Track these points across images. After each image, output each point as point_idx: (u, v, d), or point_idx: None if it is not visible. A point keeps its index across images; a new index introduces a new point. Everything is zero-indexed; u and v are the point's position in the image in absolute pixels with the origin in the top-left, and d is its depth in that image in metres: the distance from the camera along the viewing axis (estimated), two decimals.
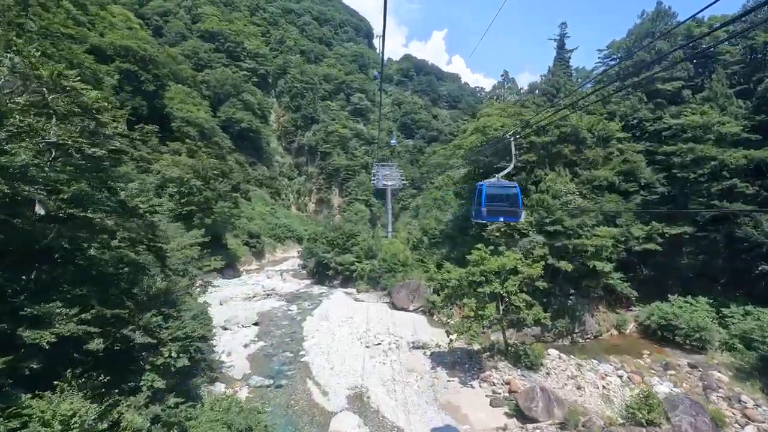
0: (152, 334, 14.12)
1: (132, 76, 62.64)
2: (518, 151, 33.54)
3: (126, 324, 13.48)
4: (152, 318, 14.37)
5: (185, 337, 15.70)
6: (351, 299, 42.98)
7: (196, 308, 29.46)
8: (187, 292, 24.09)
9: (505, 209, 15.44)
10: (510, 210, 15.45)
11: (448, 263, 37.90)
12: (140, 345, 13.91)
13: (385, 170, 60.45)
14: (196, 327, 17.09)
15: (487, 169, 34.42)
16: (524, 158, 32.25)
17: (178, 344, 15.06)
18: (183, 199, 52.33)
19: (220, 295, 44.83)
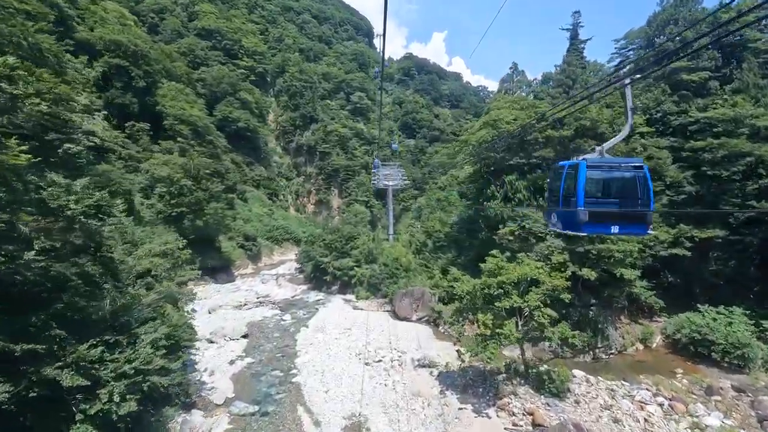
0: (87, 372, 10.82)
1: (122, 71, 59.40)
2: (533, 147, 30.28)
3: (49, 361, 10.18)
4: (89, 350, 11.07)
5: (136, 373, 12.33)
6: (350, 307, 39.65)
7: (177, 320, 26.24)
8: (158, 305, 20.75)
9: (622, 211, 9.11)
10: (631, 214, 9.07)
11: (454, 269, 34.62)
12: (71, 387, 10.62)
13: (386, 170, 57.14)
14: (154, 355, 13.81)
15: (498, 166, 31.14)
16: (540, 154, 28.95)
17: (124, 382, 11.72)
18: (173, 200, 49.15)
19: (210, 302, 41.58)
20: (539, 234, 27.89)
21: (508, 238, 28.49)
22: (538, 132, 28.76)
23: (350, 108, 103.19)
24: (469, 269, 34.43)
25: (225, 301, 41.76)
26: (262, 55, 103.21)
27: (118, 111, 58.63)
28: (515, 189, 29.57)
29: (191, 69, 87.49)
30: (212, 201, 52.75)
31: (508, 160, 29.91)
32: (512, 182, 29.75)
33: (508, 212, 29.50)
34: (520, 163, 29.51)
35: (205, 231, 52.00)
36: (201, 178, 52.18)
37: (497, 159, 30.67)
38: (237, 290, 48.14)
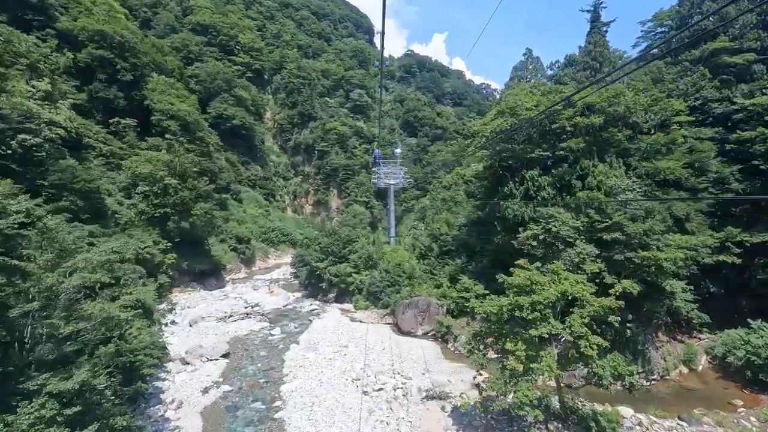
0: None
1: (106, 63, 55.04)
2: (558, 138, 25.83)
3: None
4: None
5: None
6: (347, 319, 35.21)
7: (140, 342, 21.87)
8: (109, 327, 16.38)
9: None
10: None
11: (465, 277, 30.12)
12: None
13: (388, 168, 52.76)
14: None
15: (517, 160, 26.68)
16: (566, 146, 24.49)
17: None
18: (156, 200, 44.75)
19: (193, 312, 37.20)
20: (568, 238, 23.44)
21: (531, 243, 24.02)
22: (565, 119, 24.32)
23: (350, 106, 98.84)
24: (483, 278, 29.98)
25: (209, 311, 37.33)
26: (259, 52, 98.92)
27: (103, 105, 54.45)
28: (538, 186, 25.15)
29: (185, 65, 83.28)
30: (200, 201, 48.32)
31: (530, 153, 25.47)
32: (534, 178, 25.33)
33: (529, 213, 25.06)
34: (544, 156, 25.09)
35: (193, 233, 47.61)
36: (187, 176, 47.76)
37: (516, 152, 26.20)
38: (225, 297, 43.76)
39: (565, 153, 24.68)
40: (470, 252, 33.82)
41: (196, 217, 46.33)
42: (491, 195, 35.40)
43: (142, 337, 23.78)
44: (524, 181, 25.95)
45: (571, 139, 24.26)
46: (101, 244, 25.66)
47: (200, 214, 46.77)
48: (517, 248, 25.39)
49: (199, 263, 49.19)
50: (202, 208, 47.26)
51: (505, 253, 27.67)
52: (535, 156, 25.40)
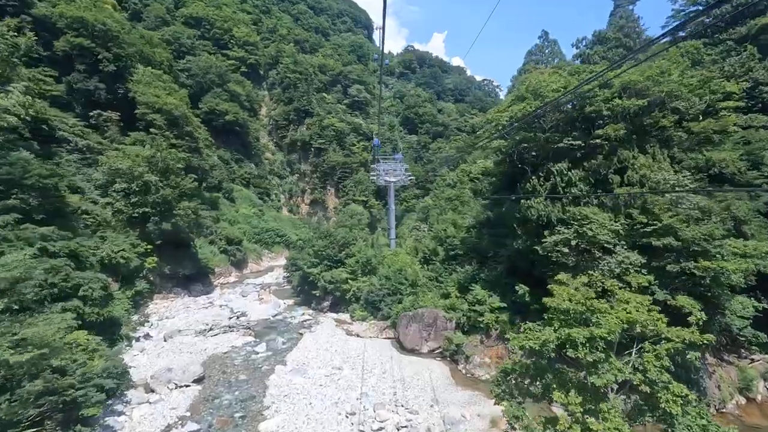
0: None
1: (86, 53, 50.59)
2: (592, 125, 21.57)
3: None
4: None
5: None
6: (342, 332, 30.94)
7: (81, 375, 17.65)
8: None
9: None
10: None
11: (477, 287, 26.02)
12: None
13: (388, 164, 48.50)
14: None
15: (542, 151, 22.40)
16: (603, 133, 20.22)
17: None
18: (134, 198, 40.50)
19: (170, 324, 32.92)
20: (606, 244, 19.19)
21: (561, 249, 19.77)
22: (601, 101, 20.10)
23: (348, 102, 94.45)
24: (497, 288, 25.80)
25: (189, 322, 33.03)
26: (255, 46, 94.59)
27: (84, 98, 50.05)
28: (567, 181, 20.92)
29: (176, 58, 78.90)
30: (184, 199, 43.99)
31: (557, 143, 21.20)
32: (563, 172, 21.09)
33: (557, 213, 20.83)
34: (574, 147, 20.85)
35: (176, 234, 43.31)
36: (171, 172, 43.42)
37: (540, 141, 21.92)
38: (210, 305, 39.49)
39: (601, 142, 20.40)
40: (481, 257, 29.58)
41: (179, 218, 42.00)
42: (503, 193, 31.26)
43: (93, 364, 19.59)
44: (550, 176, 21.70)
45: (609, 125, 19.98)
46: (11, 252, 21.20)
47: (184, 214, 42.42)
48: (542, 255, 21.16)
49: (183, 267, 44.88)
50: (187, 207, 42.90)
51: (526, 260, 23.49)
52: (563, 146, 21.14)
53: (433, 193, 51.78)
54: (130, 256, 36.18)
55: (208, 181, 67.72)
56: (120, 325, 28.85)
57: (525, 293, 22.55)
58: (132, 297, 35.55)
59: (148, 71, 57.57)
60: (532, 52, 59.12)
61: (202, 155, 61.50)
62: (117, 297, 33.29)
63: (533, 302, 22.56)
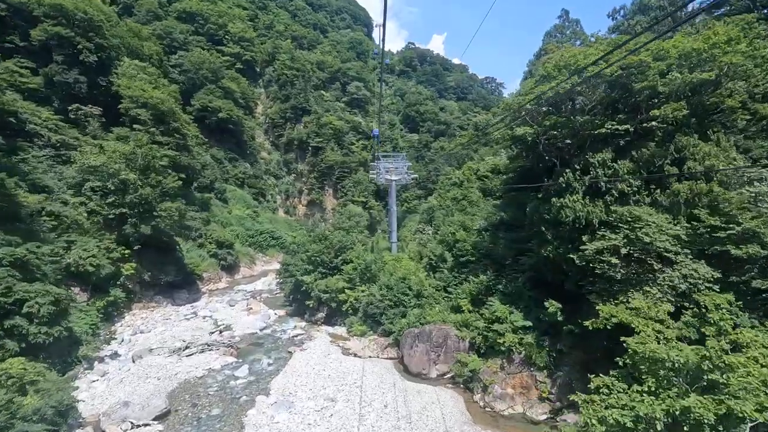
0: None
1: (65, 43, 46.60)
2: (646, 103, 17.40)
3: None
4: None
5: None
6: (338, 350, 26.76)
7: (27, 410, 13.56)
8: None
9: None
10: None
11: (496, 301, 21.86)
12: None
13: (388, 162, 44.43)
14: None
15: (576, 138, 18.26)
16: (659, 114, 16.09)
17: None
18: (110, 198, 36.45)
19: (143, 341, 28.75)
20: (665, 253, 15.06)
21: (607, 259, 15.62)
22: (656, 74, 16.03)
23: (347, 99, 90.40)
24: (519, 302, 21.64)
25: (164, 338, 28.88)
26: (250, 42, 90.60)
27: (64, 92, 46.09)
28: (612, 174, 16.79)
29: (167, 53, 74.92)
30: (166, 200, 39.89)
31: (597, 128, 17.07)
32: (606, 163, 16.97)
33: (599, 213, 16.69)
34: (619, 131, 16.73)
35: (158, 237, 39.24)
36: (152, 170, 39.34)
37: (576, 126, 17.80)
38: (193, 316, 35.37)
39: (657, 125, 16.23)
40: (499, 265, 25.42)
41: (160, 219, 37.85)
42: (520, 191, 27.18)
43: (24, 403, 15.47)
44: (588, 168, 17.56)
45: (668, 104, 15.88)
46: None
47: (166, 215, 38.28)
48: (580, 265, 17.01)
49: (166, 273, 40.71)
50: (169, 208, 38.75)
51: (556, 270, 19.34)
52: (604, 132, 17.01)
53: (437, 193, 47.69)
54: (101, 262, 32.09)
55: (199, 181, 63.65)
56: (79, 345, 24.75)
57: (557, 311, 18.42)
58: (103, 308, 31.46)
59: (133, 63, 53.51)
60: (550, 33, 54.81)
61: (191, 153, 57.36)
62: (83, 310, 29.23)
63: (567, 322, 18.48)
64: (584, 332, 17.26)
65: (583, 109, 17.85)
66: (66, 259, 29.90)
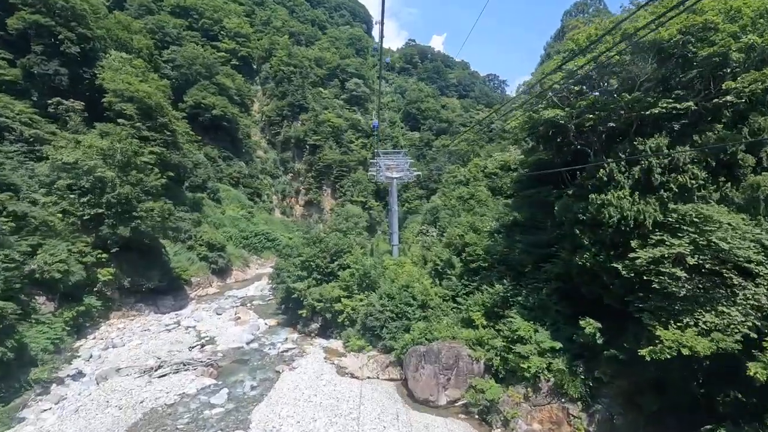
0: None
1: (44, 32, 43.23)
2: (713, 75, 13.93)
3: None
4: None
5: None
6: (332, 369, 23.27)
7: None
8: None
9: None
10: None
11: (517, 316, 18.40)
12: None
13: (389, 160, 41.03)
14: None
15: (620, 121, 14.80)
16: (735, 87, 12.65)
17: None
18: (85, 197, 33.11)
19: (113, 356, 25.29)
20: (744, 263, 11.61)
21: (668, 270, 12.17)
22: (729, 37, 12.64)
23: (346, 97, 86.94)
24: (545, 317, 18.18)
25: (137, 354, 25.41)
26: (246, 38, 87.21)
27: (44, 84, 42.75)
28: (671, 166, 13.39)
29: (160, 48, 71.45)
30: (149, 199, 36.44)
31: (649, 106, 13.63)
32: (661, 150, 13.53)
33: (653, 213, 13.26)
34: (678, 111, 13.33)
35: (139, 240, 35.84)
36: (132, 167, 35.91)
37: (623, 104, 14.31)
38: (175, 327, 31.92)
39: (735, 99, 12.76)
40: (514, 272, 21.97)
41: (141, 220, 34.38)
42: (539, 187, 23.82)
43: None
44: (639, 158, 14.09)
45: (749, 73, 12.45)
46: None
47: (147, 216, 34.83)
48: (627, 277, 13.57)
49: (149, 278, 37.11)
50: (151, 208, 35.31)
51: (594, 281, 15.86)
52: (657, 112, 13.57)
53: (441, 192, 44.27)
54: (71, 267, 28.67)
55: (191, 180, 60.19)
56: (33, 366, 21.34)
57: (595, 332, 14.96)
58: (72, 320, 28.03)
59: (119, 56, 50.04)
60: (569, 12, 51.06)
61: (182, 151, 53.91)
62: (47, 322, 25.79)
63: (608, 345, 15.04)
64: (631, 358, 13.90)
65: (630, 85, 14.36)
66: (30, 264, 26.55)
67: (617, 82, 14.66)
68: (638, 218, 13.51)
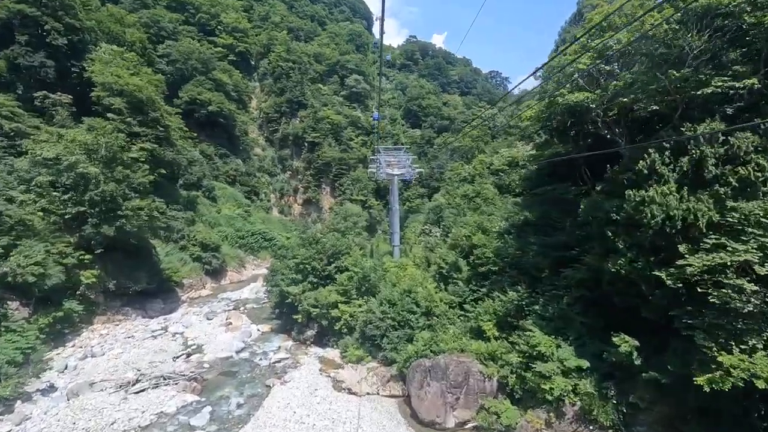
0: None
1: (29, 22, 41.08)
2: None
3: None
4: None
5: None
6: (328, 383, 21.06)
7: None
8: None
9: None
10: None
11: (534, 329, 16.20)
12: None
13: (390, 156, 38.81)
14: None
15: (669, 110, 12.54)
16: None
17: None
18: (66, 195, 30.97)
19: (92, 366, 23.13)
20: None
21: (734, 283, 9.93)
22: None
23: (345, 93, 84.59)
24: (569, 332, 15.95)
25: (116, 365, 23.23)
26: (244, 33, 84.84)
27: (30, 77, 40.71)
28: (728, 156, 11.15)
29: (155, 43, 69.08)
30: (135, 197, 34.24)
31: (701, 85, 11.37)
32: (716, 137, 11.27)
33: (707, 211, 11.03)
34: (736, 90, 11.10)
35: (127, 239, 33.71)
36: (118, 163, 33.70)
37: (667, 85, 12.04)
38: (162, 333, 29.79)
39: None
40: (529, 277, 19.74)
41: (126, 219, 32.17)
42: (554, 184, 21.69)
43: None
44: (686, 147, 11.85)
45: None
46: None
47: (133, 215, 32.62)
48: (673, 288, 11.32)
49: (137, 281, 34.91)
50: (137, 206, 33.12)
51: (628, 291, 13.61)
52: (711, 92, 11.32)
53: (444, 190, 42.03)
54: (48, 270, 26.49)
55: (186, 178, 57.99)
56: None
57: (631, 351, 12.73)
58: (49, 326, 25.85)
59: (109, 48, 47.73)
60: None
61: (175, 147, 51.67)
62: (18, 330, 23.59)
63: (647, 365, 12.82)
64: (675, 381, 11.72)
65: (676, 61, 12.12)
66: (1, 267, 24.44)
67: (659, 58, 12.41)
68: (688, 218, 11.28)
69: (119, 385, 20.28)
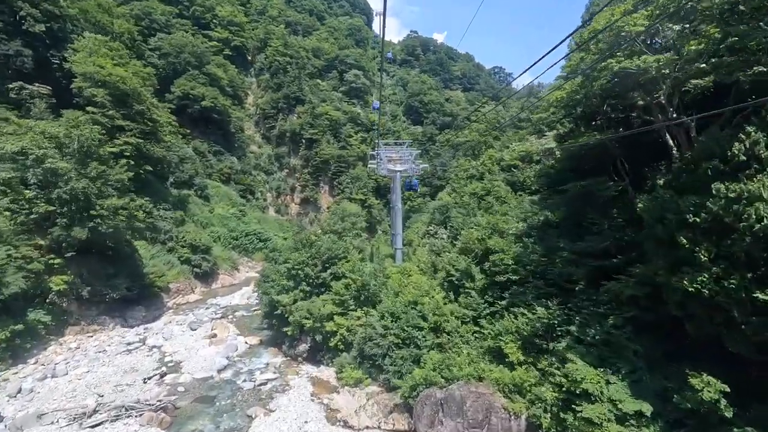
0: None
1: (3, 8, 37.96)
2: None
3: None
4: None
5: None
6: (321, 411, 17.78)
7: None
8: None
9: None
10: None
11: (577, 360, 12.86)
12: None
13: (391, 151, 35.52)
14: None
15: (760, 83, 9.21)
16: None
17: None
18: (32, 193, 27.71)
19: (49, 390, 19.85)
20: None
21: None
22: None
23: (344, 89, 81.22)
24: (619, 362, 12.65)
25: (76, 388, 19.95)
26: (240, 27, 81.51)
27: (4, 67, 37.61)
28: None
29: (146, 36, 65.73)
30: (112, 195, 30.95)
31: None
32: None
33: None
34: None
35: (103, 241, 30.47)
36: (93, 158, 30.42)
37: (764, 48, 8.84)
38: (138, 346, 26.51)
39: None
40: (558, 289, 16.44)
41: (101, 219, 28.88)
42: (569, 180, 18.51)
43: None
44: None
45: None
46: None
47: (108, 215, 29.32)
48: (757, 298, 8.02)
49: (115, 287, 31.51)
50: (113, 205, 29.83)
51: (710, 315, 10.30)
52: None
53: (450, 187, 38.75)
54: (5, 278, 23.25)
55: (176, 176, 54.73)
56: None
57: (718, 398, 9.45)
58: (6, 341, 22.61)
59: (93, 37, 44.38)
60: None
61: (165, 143, 48.42)
62: None
63: (738, 414, 9.54)
64: None
65: None
66: None
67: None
68: None
69: (73, 417, 17.00)
